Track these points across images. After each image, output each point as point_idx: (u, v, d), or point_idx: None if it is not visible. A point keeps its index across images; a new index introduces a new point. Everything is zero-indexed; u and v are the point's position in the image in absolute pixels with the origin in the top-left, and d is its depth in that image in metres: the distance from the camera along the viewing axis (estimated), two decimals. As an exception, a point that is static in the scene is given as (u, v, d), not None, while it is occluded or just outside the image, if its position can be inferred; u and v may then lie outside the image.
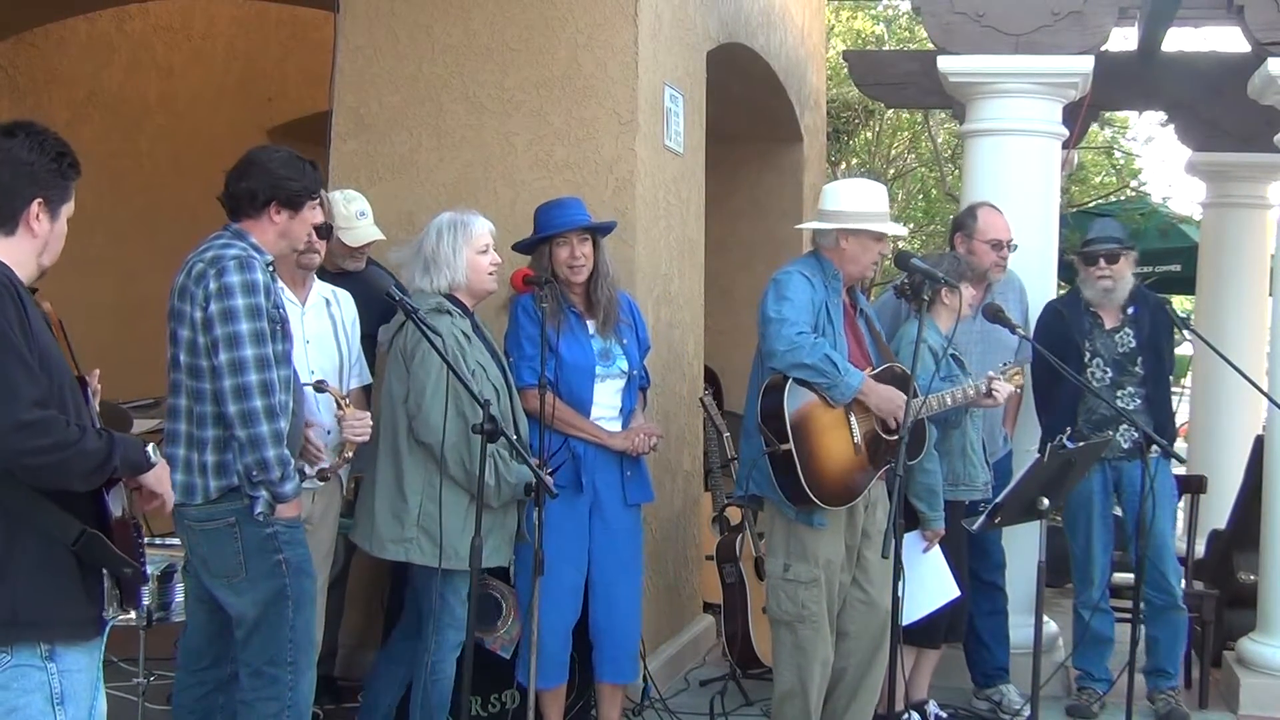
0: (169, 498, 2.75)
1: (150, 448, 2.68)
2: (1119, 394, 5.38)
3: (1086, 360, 5.42)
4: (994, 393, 4.64)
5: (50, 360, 2.53)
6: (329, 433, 4.05)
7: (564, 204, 4.67)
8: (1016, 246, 5.37)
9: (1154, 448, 5.25)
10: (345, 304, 4.35)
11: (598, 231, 4.63)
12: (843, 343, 4.37)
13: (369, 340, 4.49)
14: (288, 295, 4.11)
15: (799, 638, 4.40)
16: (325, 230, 4.35)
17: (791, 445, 4.19)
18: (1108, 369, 5.43)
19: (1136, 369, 5.42)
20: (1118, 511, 5.62)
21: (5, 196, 2.60)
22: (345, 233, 4.77)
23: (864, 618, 4.49)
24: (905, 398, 4.21)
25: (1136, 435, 5.27)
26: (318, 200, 3.76)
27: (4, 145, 2.61)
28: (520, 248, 4.67)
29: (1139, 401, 5.39)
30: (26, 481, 2.46)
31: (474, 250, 4.31)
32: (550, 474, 4.26)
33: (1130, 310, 5.45)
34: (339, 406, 3.94)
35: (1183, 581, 5.66)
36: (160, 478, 2.71)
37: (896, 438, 4.22)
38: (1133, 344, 5.42)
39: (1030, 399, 5.64)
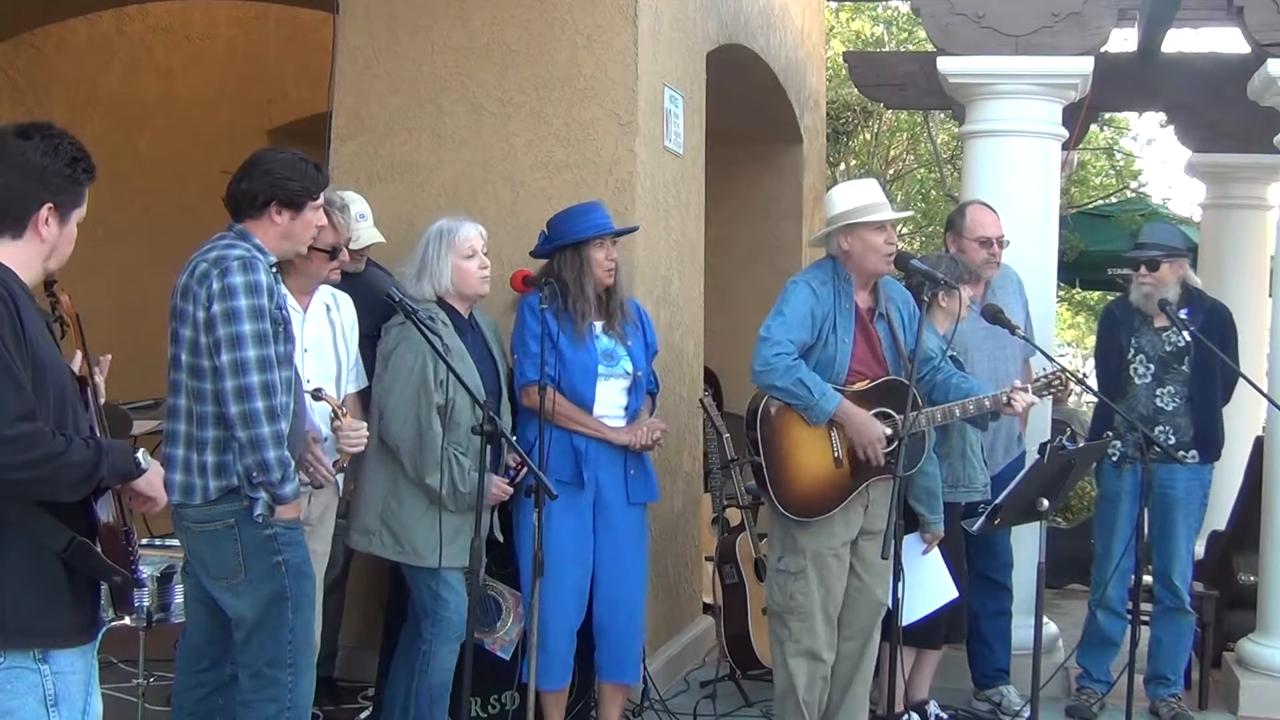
0: (161, 500, 2.73)
1: (141, 453, 2.65)
2: (1159, 392, 5.39)
3: (1129, 357, 5.44)
4: (1013, 403, 4.46)
5: (45, 366, 2.50)
6: (325, 439, 4.04)
7: (595, 208, 4.71)
8: (1009, 243, 5.35)
9: (1193, 452, 5.31)
10: (345, 308, 4.34)
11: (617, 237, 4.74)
12: (846, 350, 4.38)
13: (368, 341, 4.49)
14: (290, 302, 4.11)
15: (788, 629, 4.43)
16: (344, 247, 4.33)
17: (761, 460, 4.31)
18: (1150, 365, 5.42)
19: (1182, 368, 5.40)
20: None
21: (15, 200, 2.56)
22: (345, 235, 4.76)
23: (856, 604, 4.51)
24: (880, 430, 4.29)
25: (1174, 438, 5.29)
26: (320, 202, 3.74)
27: (18, 147, 2.56)
28: (542, 252, 4.67)
29: (1179, 402, 5.38)
30: (12, 494, 2.44)
31: (459, 256, 4.38)
32: (510, 483, 4.36)
33: (1184, 312, 5.40)
34: (335, 416, 3.94)
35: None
36: (151, 482, 2.68)
37: (891, 447, 4.28)
38: (1181, 343, 5.40)
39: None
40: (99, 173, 2.70)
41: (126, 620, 4.05)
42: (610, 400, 4.63)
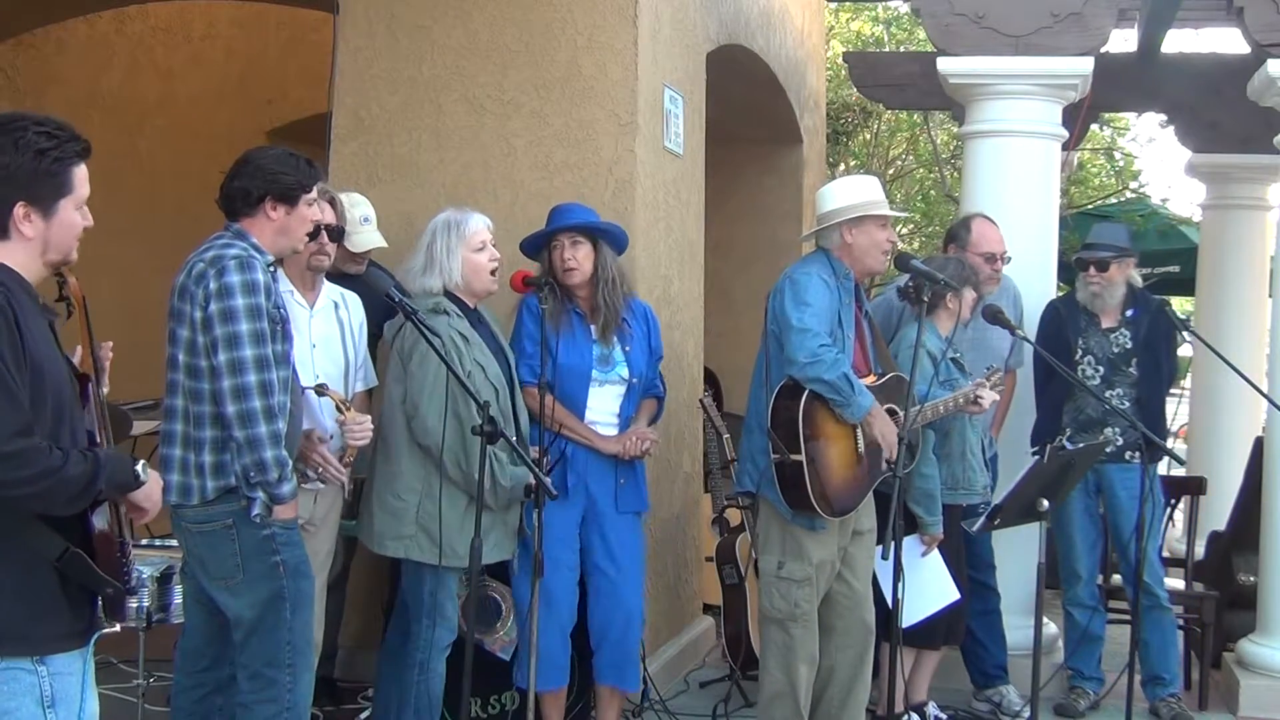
0: (154, 511, 2.72)
1: (140, 465, 2.64)
2: (1108, 394, 5.38)
3: (1077, 358, 5.43)
4: (979, 400, 4.66)
5: (43, 372, 2.48)
6: (330, 437, 4.04)
7: (564, 209, 4.67)
8: (1010, 259, 5.35)
9: (1135, 454, 5.29)
10: (354, 307, 4.33)
11: (599, 236, 4.60)
12: (850, 349, 4.37)
13: (371, 341, 4.48)
14: (297, 298, 4.10)
15: (791, 637, 4.41)
16: (337, 233, 4.34)
17: (803, 457, 4.18)
18: (1100, 366, 5.43)
19: (1130, 370, 5.41)
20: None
21: None
22: (348, 238, 4.75)
23: (849, 613, 4.50)
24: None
25: (1121, 438, 5.30)
26: (314, 195, 3.74)
27: None
28: (524, 249, 4.67)
29: (1128, 404, 5.38)
30: (9, 509, 2.43)
31: (469, 249, 4.32)
32: (547, 472, 4.29)
33: (1129, 313, 5.45)
34: (340, 411, 3.93)
35: (1180, 583, 5.66)
36: (149, 494, 2.67)
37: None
38: (1128, 345, 5.42)
39: (1018, 403, 5.65)
40: (99, 173, 2.68)
41: (116, 629, 4.05)
42: (603, 406, 4.60)
